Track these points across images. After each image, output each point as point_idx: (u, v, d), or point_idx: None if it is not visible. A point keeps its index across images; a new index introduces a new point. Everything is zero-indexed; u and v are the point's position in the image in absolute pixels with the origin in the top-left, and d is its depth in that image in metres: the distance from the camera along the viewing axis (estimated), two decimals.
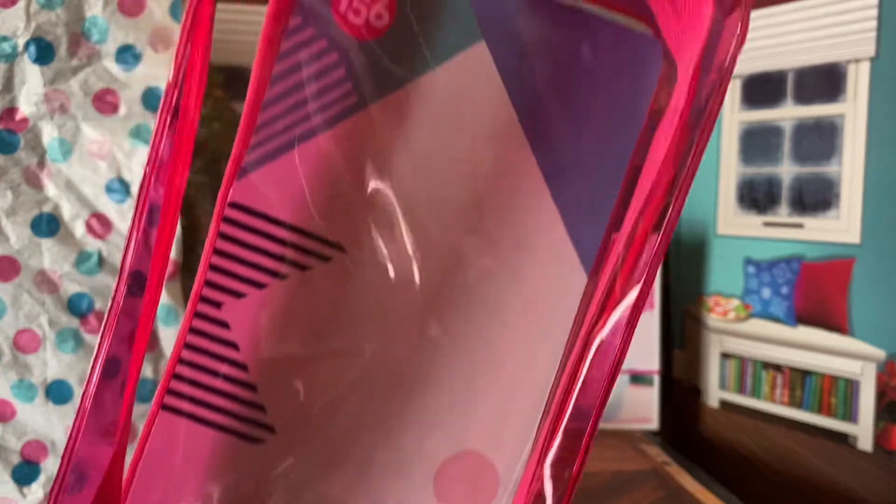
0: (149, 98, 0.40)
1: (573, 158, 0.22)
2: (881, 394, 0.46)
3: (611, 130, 0.22)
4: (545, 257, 0.23)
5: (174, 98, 0.20)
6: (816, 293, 0.50)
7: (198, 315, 0.21)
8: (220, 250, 0.21)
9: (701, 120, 0.19)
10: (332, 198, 0.22)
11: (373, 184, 0.22)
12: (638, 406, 0.57)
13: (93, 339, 0.39)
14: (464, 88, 0.22)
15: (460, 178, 0.22)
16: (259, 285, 0.22)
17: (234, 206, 0.21)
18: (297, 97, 0.21)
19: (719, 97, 0.19)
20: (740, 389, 0.56)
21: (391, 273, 0.22)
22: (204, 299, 0.21)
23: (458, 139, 0.22)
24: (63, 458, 0.20)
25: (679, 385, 0.60)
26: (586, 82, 0.22)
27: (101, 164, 0.39)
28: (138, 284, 0.19)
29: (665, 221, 0.19)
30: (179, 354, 0.21)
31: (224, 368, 0.22)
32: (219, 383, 0.21)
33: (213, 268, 0.21)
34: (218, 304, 0.21)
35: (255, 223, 0.21)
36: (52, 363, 0.39)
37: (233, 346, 0.21)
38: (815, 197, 0.51)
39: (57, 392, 0.39)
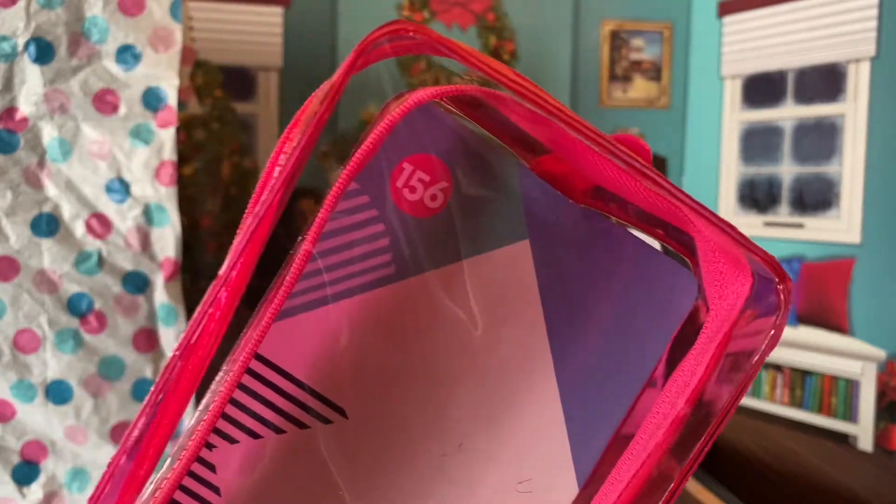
0: (149, 98, 0.40)
1: (589, 367, 0.23)
2: (881, 394, 0.46)
3: (632, 348, 0.23)
4: (541, 458, 0.23)
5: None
6: (817, 293, 0.50)
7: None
8: (234, 399, 0.21)
9: (709, 420, 0.19)
10: (347, 362, 0.22)
11: (391, 356, 0.22)
12: None
13: (92, 340, 0.39)
14: (498, 279, 0.22)
15: (477, 367, 0.22)
16: (255, 435, 0.21)
17: (258, 357, 0.21)
18: (341, 257, 0.21)
19: (737, 396, 0.19)
20: None
21: (388, 448, 0.22)
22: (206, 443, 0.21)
23: (481, 323, 0.22)
24: (107, 472, 0.20)
25: None
26: (618, 297, 0.22)
27: (101, 164, 0.39)
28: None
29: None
30: (171, 495, 0.20)
31: None
32: None
33: (224, 416, 0.21)
34: (210, 447, 0.21)
35: (273, 377, 0.21)
36: (52, 363, 0.39)
37: (215, 489, 0.21)
38: (816, 197, 0.51)
39: (56, 392, 0.39)
